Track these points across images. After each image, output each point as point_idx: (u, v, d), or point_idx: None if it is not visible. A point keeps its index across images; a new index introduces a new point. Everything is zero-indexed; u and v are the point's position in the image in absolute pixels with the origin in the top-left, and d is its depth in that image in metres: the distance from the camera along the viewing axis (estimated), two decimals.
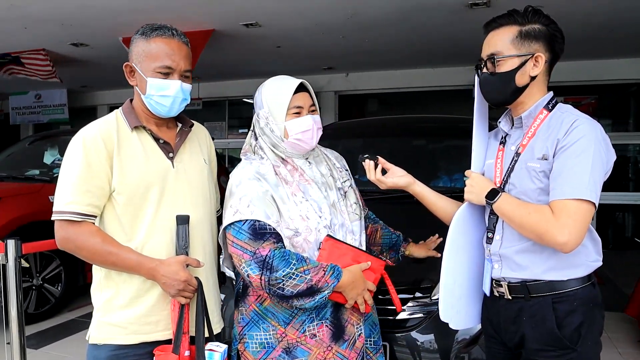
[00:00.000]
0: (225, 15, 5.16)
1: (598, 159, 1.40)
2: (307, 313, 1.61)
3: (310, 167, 1.71)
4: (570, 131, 1.42)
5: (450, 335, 2.20)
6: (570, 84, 7.12)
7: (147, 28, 1.59)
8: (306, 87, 1.70)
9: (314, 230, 1.61)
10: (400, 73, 8.12)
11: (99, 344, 1.59)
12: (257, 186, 1.59)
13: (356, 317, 1.68)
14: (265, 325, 1.63)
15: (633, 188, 7.68)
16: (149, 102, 1.59)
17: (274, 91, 1.68)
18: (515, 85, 1.51)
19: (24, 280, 3.97)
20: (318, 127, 1.69)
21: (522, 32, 1.50)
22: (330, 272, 1.55)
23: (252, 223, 1.54)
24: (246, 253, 1.53)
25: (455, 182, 3.25)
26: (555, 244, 1.39)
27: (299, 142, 1.66)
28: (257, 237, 1.53)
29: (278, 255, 1.51)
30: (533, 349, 1.50)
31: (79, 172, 1.51)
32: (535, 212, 1.42)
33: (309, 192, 1.65)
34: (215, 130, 9.60)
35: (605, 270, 5.71)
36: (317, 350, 1.61)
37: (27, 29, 5.49)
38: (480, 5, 4.72)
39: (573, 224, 1.36)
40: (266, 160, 1.68)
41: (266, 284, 1.51)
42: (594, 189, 1.38)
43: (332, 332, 1.63)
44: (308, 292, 1.52)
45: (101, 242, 1.52)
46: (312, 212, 1.62)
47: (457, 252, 1.65)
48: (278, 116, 1.66)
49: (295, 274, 1.50)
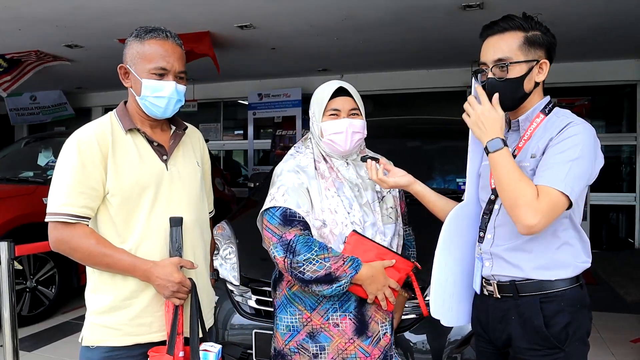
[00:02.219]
0: (220, 17, 5.17)
1: (586, 158, 1.41)
2: (330, 302, 1.71)
3: (348, 168, 1.80)
4: (564, 130, 1.44)
5: (443, 336, 2.21)
6: (564, 85, 7.16)
7: (141, 30, 1.59)
8: (349, 92, 1.77)
9: (339, 224, 1.70)
10: (394, 74, 8.14)
11: (91, 346, 1.58)
12: (294, 178, 1.74)
13: (381, 315, 1.74)
14: (292, 310, 1.75)
15: (626, 189, 7.72)
16: (144, 103, 1.59)
17: (318, 92, 1.82)
18: (523, 91, 1.52)
19: (17, 282, 3.95)
20: (354, 130, 1.75)
21: (528, 38, 1.51)
22: (349, 263, 1.63)
23: (284, 210, 1.68)
24: (275, 236, 1.66)
25: (449, 184, 3.27)
26: (525, 221, 1.38)
27: (332, 143, 1.76)
28: (286, 223, 1.66)
29: (302, 240, 1.63)
30: (521, 347, 1.52)
31: (73, 174, 1.51)
32: (526, 184, 1.40)
33: (342, 190, 1.75)
34: (211, 131, 9.59)
35: (598, 270, 5.79)
36: (339, 340, 1.70)
37: (21, 30, 5.48)
38: (473, 7, 4.75)
39: (547, 212, 1.38)
40: (310, 153, 1.82)
41: (289, 266, 1.63)
42: (572, 184, 1.39)
43: (356, 326, 1.70)
44: (326, 279, 1.61)
45: (95, 243, 1.52)
46: (340, 207, 1.72)
47: (450, 250, 1.66)
48: (317, 116, 1.79)
49: (315, 259, 1.61)
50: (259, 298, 2.54)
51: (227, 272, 2.68)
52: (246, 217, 3.30)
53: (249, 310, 2.55)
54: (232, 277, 2.65)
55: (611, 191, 7.54)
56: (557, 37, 1.58)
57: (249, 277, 2.61)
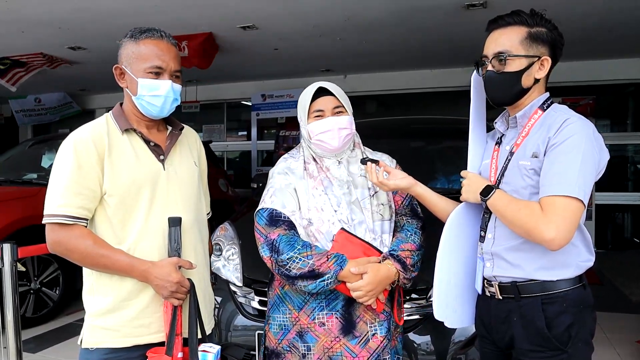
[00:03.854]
0: (222, 18, 5.17)
1: (588, 157, 1.40)
2: (317, 301, 1.72)
3: (339, 166, 1.81)
4: (561, 129, 1.42)
5: (447, 337, 2.20)
6: (568, 84, 7.12)
7: (135, 31, 1.61)
8: (330, 91, 1.79)
9: (326, 222, 1.72)
10: (398, 75, 8.12)
11: (91, 348, 1.58)
12: (282, 179, 1.80)
13: (370, 315, 1.73)
14: (284, 308, 1.78)
15: (632, 188, 7.67)
16: (140, 102, 1.59)
17: (301, 96, 1.85)
18: (521, 86, 1.52)
19: (21, 284, 3.96)
20: (340, 127, 1.77)
21: (531, 33, 1.50)
22: (333, 259, 1.64)
23: (270, 211, 1.74)
24: (262, 237, 1.72)
25: (452, 184, 3.25)
26: (543, 240, 1.39)
27: (321, 142, 1.78)
28: (272, 224, 1.72)
29: (284, 239, 1.68)
30: (523, 349, 1.51)
31: (70, 175, 1.51)
32: (525, 208, 1.43)
33: (331, 188, 1.77)
34: (214, 132, 9.60)
35: (603, 270, 5.77)
36: (325, 339, 1.71)
37: (24, 32, 5.49)
38: (476, 6, 4.72)
39: (561, 221, 1.37)
40: (300, 157, 1.85)
41: (275, 264, 1.68)
42: (583, 186, 1.38)
43: (342, 325, 1.71)
44: (310, 275, 1.64)
45: (92, 244, 1.51)
46: (327, 205, 1.74)
47: (452, 251, 1.65)
48: (303, 119, 1.82)
49: (298, 257, 1.64)
50: (261, 299, 2.53)
51: (230, 273, 2.67)
52: (249, 218, 3.29)
53: (252, 311, 2.55)
54: (234, 278, 2.64)
55: (617, 191, 7.49)
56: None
57: (252, 278, 2.61)
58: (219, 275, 2.68)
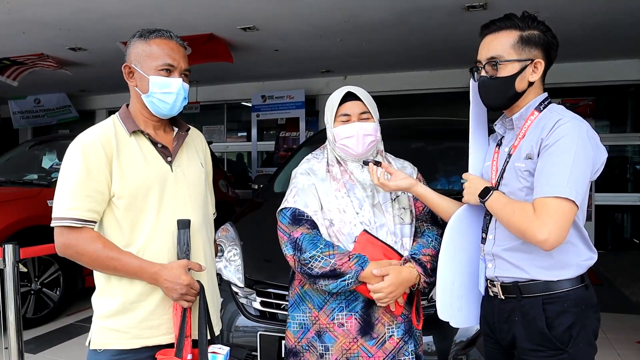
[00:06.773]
0: (222, 19, 5.18)
1: (581, 157, 1.40)
2: (337, 301, 1.73)
3: (362, 170, 1.83)
4: (553, 130, 1.43)
5: (449, 337, 2.20)
6: (568, 85, 7.13)
7: (144, 31, 1.62)
8: (358, 96, 1.80)
9: (348, 223, 1.74)
10: (398, 76, 8.14)
11: (99, 349, 1.57)
12: (304, 180, 1.82)
13: (388, 318, 1.73)
14: (304, 307, 1.80)
15: (631, 189, 7.68)
16: (151, 100, 1.60)
17: (329, 99, 1.86)
18: (514, 90, 1.53)
19: (22, 284, 3.96)
20: (365, 133, 1.78)
21: (523, 37, 1.51)
22: (355, 260, 1.66)
23: (293, 210, 1.76)
24: (285, 235, 1.75)
25: (453, 185, 3.26)
26: (536, 241, 1.40)
27: (345, 147, 1.80)
28: (295, 222, 1.74)
29: (308, 238, 1.70)
30: (525, 348, 1.51)
31: (78, 178, 1.51)
32: (519, 210, 1.44)
33: (353, 191, 1.79)
34: (214, 133, 9.61)
35: (603, 271, 5.77)
36: (343, 340, 1.72)
37: (25, 33, 5.50)
38: (477, 7, 4.74)
39: (552, 222, 1.37)
40: (323, 159, 1.87)
41: (297, 263, 1.70)
42: (575, 187, 1.38)
43: (360, 326, 1.72)
44: (332, 274, 1.66)
45: (102, 247, 1.51)
46: (350, 207, 1.76)
47: (455, 252, 1.66)
48: (330, 122, 1.84)
49: (320, 256, 1.66)
50: (263, 300, 2.53)
51: (231, 274, 2.68)
52: (250, 218, 3.30)
53: (254, 312, 2.55)
54: (236, 279, 2.65)
55: (616, 191, 7.51)
56: (560, 37, 1.58)
57: (254, 278, 2.61)
58: (221, 275, 2.69)
